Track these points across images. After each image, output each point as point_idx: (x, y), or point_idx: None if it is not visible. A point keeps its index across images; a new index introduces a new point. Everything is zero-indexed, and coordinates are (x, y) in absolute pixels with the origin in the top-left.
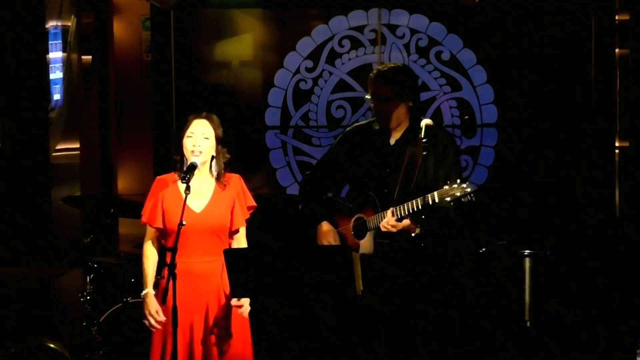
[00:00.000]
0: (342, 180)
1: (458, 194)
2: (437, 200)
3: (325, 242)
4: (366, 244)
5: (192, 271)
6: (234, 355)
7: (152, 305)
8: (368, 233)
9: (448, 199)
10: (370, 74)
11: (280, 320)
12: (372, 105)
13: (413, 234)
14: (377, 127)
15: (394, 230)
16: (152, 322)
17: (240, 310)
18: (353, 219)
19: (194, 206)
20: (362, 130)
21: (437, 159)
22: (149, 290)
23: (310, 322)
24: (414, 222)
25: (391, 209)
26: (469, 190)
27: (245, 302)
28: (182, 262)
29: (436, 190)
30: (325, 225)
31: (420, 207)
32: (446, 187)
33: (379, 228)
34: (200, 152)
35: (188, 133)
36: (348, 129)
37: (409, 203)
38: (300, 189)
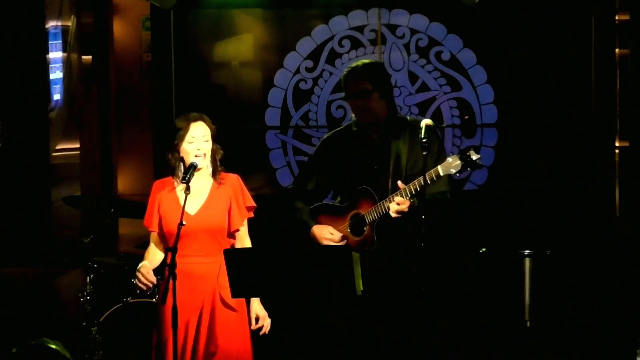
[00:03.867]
0: (326, 188)
1: (463, 162)
2: (441, 173)
3: (326, 241)
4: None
5: (189, 272)
6: (230, 355)
7: (144, 268)
8: (367, 227)
9: (453, 170)
10: (344, 72)
11: (280, 320)
12: (352, 104)
13: (416, 205)
14: (355, 128)
15: (404, 211)
16: (141, 277)
17: (262, 331)
18: (348, 217)
19: (188, 208)
20: (341, 134)
21: (423, 149)
22: (146, 262)
23: (310, 322)
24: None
25: (397, 192)
26: (474, 158)
27: (264, 320)
28: (179, 263)
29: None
30: (316, 228)
31: (427, 182)
32: (449, 159)
33: (379, 219)
34: (205, 154)
35: (188, 139)
36: (325, 136)
37: (415, 181)
38: (285, 202)
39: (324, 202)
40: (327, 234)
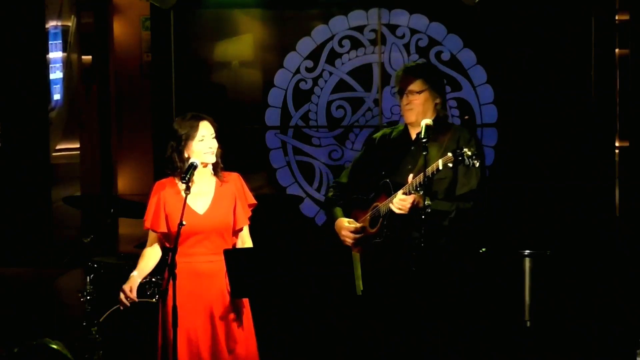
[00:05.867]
0: (365, 185)
1: (460, 158)
2: (440, 167)
3: (344, 231)
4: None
5: (197, 271)
6: (239, 353)
7: (129, 283)
8: (380, 219)
9: (450, 164)
10: (398, 71)
11: (280, 320)
12: (401, 100)
13: (422, 206)
14: (401, 128)
15: (407, 207)
16: (122, 296)
17: None
18: (370, 209)
19: (197, 208)
20: (387, 134)
21: (423, 149)
22: (135, 273)
23: (311, 322)
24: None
25: (403, 187)
26: (470, 153)
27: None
28: (187, 262)
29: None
30: (338, 221)
31: (430, 175)
32: (449, 154)
33: (390, 213)
34: (214, 152)
35: (199, 137)
36: (374, 135)
37: (420, 175)
38: (325, 195)
39: (354, 196)
40: (345, 223)
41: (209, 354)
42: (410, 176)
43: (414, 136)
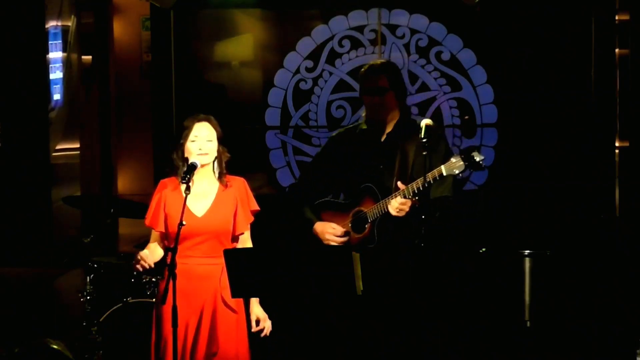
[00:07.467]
0: (331, 186)
1: (466, 163)
2: (444, 173)
3: (329, 235)
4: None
5: (192, 272)
6: (229, 356)
7: (144, 253)
8: (368, 224)
9: (456, 170)
10: (362, 70)
11: (280, 320)
12: (367, 100)
13: (417, 205)
14: (364, 127)
15: (405, 210)
16: (138, 257)
17: (263, 333)
18: (351, 214)
19: (195, 210)
20: (350, 133)
21: (423, 149)
22: (146, 251)
23: (310, 322)
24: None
25: (398, 192)
26: (478, 159)
27: (264, 322)
28: (182, 264)
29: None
30: (319, 225)
31: (430, 182)
32: (453, 159)
33: (381, 217)
34: (206, 154)
35: (191, 137)
36: (334, 133)
37: (418, 180)
38: (287, 199)
39: (327, 199)
40: (330, 228)
41: (196, 354)
42: (399, 183)
43: (382, 137)
